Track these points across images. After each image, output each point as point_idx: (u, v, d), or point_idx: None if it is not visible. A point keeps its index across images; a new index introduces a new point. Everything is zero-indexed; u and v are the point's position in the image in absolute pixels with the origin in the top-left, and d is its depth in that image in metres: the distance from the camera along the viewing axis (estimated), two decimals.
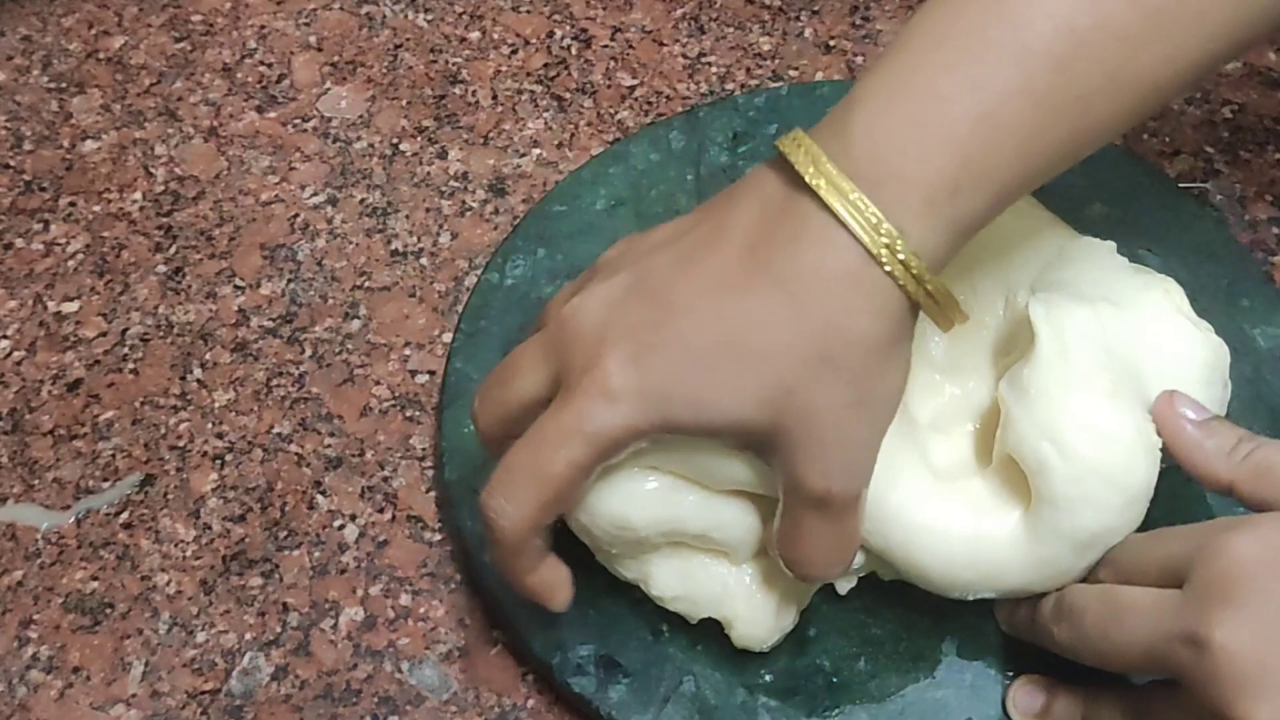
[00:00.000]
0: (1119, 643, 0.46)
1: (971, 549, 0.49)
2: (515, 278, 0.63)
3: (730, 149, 0.67)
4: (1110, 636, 0.46)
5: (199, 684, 0.56)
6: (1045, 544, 0.49)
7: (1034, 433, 0.48)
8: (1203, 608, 0.43)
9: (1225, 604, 0.43)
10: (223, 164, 0.70)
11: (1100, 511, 0.48)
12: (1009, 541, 0.49)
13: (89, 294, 0.66)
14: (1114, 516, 0.48)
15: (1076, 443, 0.48)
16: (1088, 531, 0.48)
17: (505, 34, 0.75)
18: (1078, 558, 0.49)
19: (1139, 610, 0.45)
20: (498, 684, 0.55)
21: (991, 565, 0.49)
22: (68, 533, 0.59)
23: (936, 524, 0.49)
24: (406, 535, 0.59)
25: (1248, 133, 0.70)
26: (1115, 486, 0.48)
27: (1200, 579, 0.44)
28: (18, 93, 0.73)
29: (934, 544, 0.49)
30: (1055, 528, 0.48)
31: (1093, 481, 0.48)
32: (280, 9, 0.76)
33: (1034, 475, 0.48)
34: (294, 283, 0.66)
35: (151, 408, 0.63)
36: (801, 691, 0.53)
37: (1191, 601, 0.44)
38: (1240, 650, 0.42)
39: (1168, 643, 0.44)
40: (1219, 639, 0.42)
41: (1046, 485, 0.48)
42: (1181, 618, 0.44)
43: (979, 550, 0.49)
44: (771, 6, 0.76)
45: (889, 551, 0.50)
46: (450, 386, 0.60)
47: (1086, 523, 0.48)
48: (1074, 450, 0.48)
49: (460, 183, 0.69)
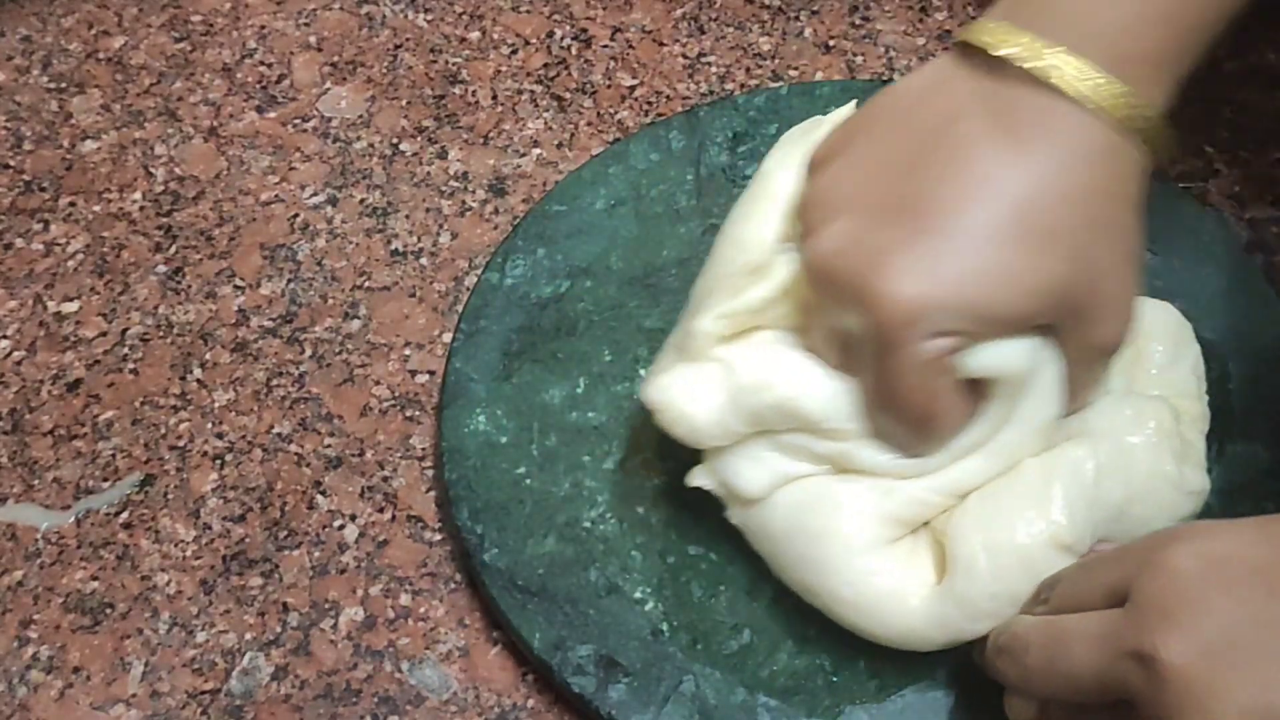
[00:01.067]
0: (1067, 672, 0.45)
1: (885, 604, 0.51)
2: (515, 278, 0.63)
3: (730, 149, 0.67)
4: (1058, 668, 0.46)
5: (199, 684, 0.56)
6: (947, 621, 0.51)
7: (972, 533, 0.50)
8: (1147, 625, 0.43)
9: (1169, 619, 0.42)
10: (223, 164, 0.70)
11: (994, 621, 0.50)
12: (920, 609, 0.51)
13: (89, 294, 0.66)
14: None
15: (1007, 568, 0.50)
16: (985, 628, 0.50)
17: (505, 34, 0.75)
18: (974, 628, 0.51)
19: (1084, 637, 0.45)
20: (498, 684, 0.55)
21: (899, 622, 0.51)
22: (68, 533, 0.59)
23: (869, 569, 0.51)
24: (406, 535, 0.59)
25: (1248, 133, 0.70)
26: (1017, 607, 0.50)
27: (1142, 596, 0.44)
28: (18, 93, 0.73)
29: (856, 588, 0.51)
30: (958, 620, 0.50)
31: (1004, 604, 0.50)
32: (280, 9, 0.76)
33: (954, 566, 0.50)
34: (294, 283, 0.66)
35: (151, 408, 0.63)
36: (801, 691, 0.53)
37: (1135, 619, 0.43)
38: (1186, 667, 0.42)
39: (1116, 663, 0.43)
40: (1164, 656, 0.42)
41: (965, 584, 0.50)
42: (1128, 636, 0.43)
43: (891, 605, 0.51)
44: (771, 6, 0.76)
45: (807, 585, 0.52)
46: (450, 386, 0.60)
47: (983, 628, 0.50)
48: (1003, 572, 0.50)
49: (460, 183, 0.69)
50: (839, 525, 0.51)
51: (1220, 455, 0.57)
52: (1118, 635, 0.44)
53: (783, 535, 0.52)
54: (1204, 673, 0.41)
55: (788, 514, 0.52)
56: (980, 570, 0.49)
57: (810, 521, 0.51)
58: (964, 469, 0.51)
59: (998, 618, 0.50)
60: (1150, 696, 0.42)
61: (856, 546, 0.51)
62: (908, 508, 0.51)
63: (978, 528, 0.50)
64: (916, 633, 0.51)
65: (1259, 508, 0.57)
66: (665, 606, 0.55)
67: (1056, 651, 0.46)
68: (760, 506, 0.53)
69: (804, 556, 0.52)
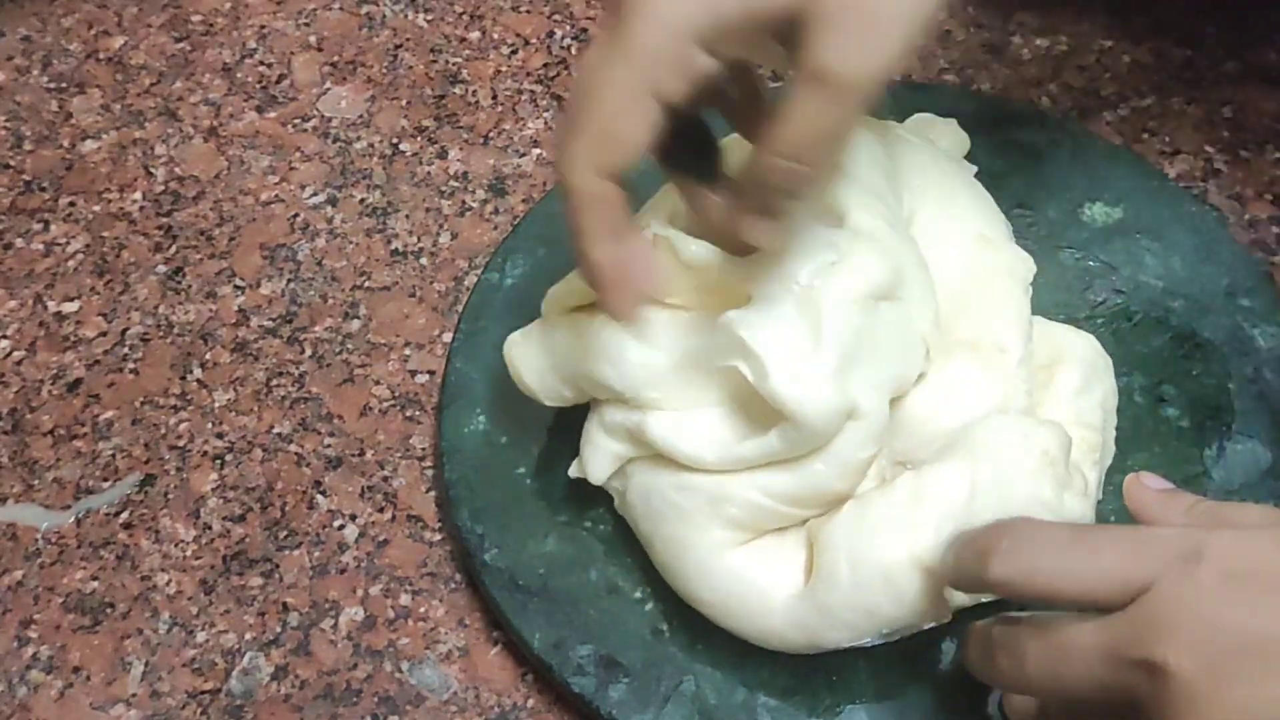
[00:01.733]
0: (1070, 682, 0.45)
1: (748, 603, 0.52)
2: (515, 278, 0.63)
3: None
4: (1060, 677, 0.45)
5: (199, 684, 0.56)
6: (806, 625, 0.51)
7: (839, 542, 0.50)
8: (1158, 635, 0.42)
9: (1181, 630, 0.42)
10: (223, 164, 0.70)
11: (853, 633, 0.51)
12: (781, 610, 0.51)
13: (89, 294, 0.66)
14: (863, 635, 0.51)
15: (867, 582, 0.50)
16: (844, 637, 0.51)
17: (505, 34, 0.75)
18: (831, 636, 0.51)
19: (1085, 646, 0.44)
20: (498, 684, 0.55)
21: (761, 621, 0.52)
22: (68, 533, 0.59)
23: (736, 571, 0.52)
24: (406, 535, 0.59)
25: (1248, 133, 0.70)
26: (876, 621, 0.50)
27: (1155, 603, 0.43)
28: (18, 93, 0.73)
29: (716, 590, 0.52)
30: (817, 626, 0.51)
31: (862, 617, 0.50)
32: (280, 9, 0.76)
33: (818, 573, 0.50)
34: (294, 283, 0.66)
35: (151, 408, 0.63)
36: (801, 691, 0.53)
37: (1145, 626, 0.43)
38: (1196, 678, 0.41)
39: (1121, 670, 0.43)
40: (1174, 666, 0.41)
41: (825, 592, 0.50)
42: (1135, 644, 0.43)
43: (754, 604, 0.52)
44: None
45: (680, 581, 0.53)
46: (450, 386, 0.60)
47: (841, 638, 0.51)
48: (863, 585, 0.50)
49: (460, 183, 0.69)
50: (687, 534, 0.52)
51: (1220, 455, 0.57)
52: (1122, 643, 0.43)
53: (648, 539, 0.54)
54: (1211, 682, 0.41)
55: (645, 516, 0.53)
56: (842, 580, 0.50)
57: (663, 528, 0.53)
58: (768, 477, 0.51)
59: (855, 629, 0.50)
60: (1155, 704, 0.42)
61: (712, 550, 0.52)
62: (745, 511, 0.51)
63: (845, 537, 0.50)
64: (776, 633, 0.51)
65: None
66: (665, 606, 0.55)
67: (1056, 659, 0.45)
68: (625, 506, 0.54)
69: (667, 562, 0.53)
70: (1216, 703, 0.41)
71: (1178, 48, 0.73)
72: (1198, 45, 0.73)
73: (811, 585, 0.51)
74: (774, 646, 0.52)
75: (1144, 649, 0.42)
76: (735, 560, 0.52)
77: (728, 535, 0.52)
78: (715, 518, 0.51)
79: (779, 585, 0.51)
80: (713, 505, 0.51)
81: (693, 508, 0.52)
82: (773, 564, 0.52)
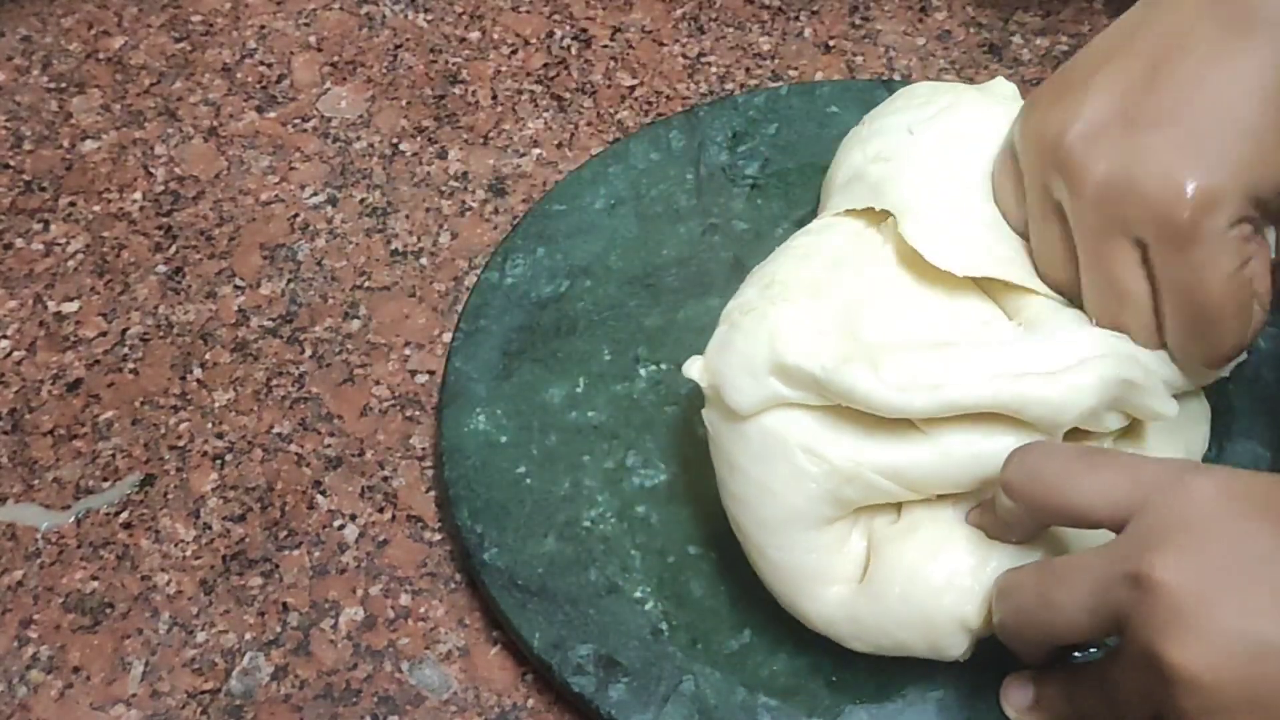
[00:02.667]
0: (1062, 604, 0.45)
1: (803, 581, 0.52)
2: (515, 277, 0.63)
3: (730, 148, 0.67)
4: (1052, 600, 0.46)
5: (199, 684, 0.56)
6: (835, 625, 0.52)
7: (898, 566, 0.50)
8: (1146, 547, 0.43)
9: (1169, 543, 0.42)
10: (223, 164, 0.70)
11: (872, 648, 0.51)
12: (830, 599, 0.51)
13: (89, 294, 0.66)
14: (879, 651, 0.51)
15: (909, 621, 0.50)
16: (863, 648, 0.52)
17: (505, 34, 0.75)
18: (852, 644, 0.52)
19: (1079, 567, 0.45)
20: (498, 684, 0.55)
21: (809, 604, 0.52)
22: (68, 533, 0.59)
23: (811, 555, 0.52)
24: (406, 535, 0.59)
25: None
26: (898, 649, 0.51)
27: (1150, 519, 0.43)
28: (18, 93, 0.73)
29: (783, 555, 0.52)
30: (846, 629, 0.51)
31: (882, 639, 0.51)
32: (280, 9, 0.76)
33: (869, 589, 0.51)
34: (294, 283, 0.66)
35: (151, 408, 0.63)
36: (801, 691, 0.53)
37: (1137, 541, 0.43)
38: (1180, 587, 0.41)
39: (1110, 588, 0.43)
40: (1159, 576, 0.42)
41: (867, 605, 0.50)
42: (1123, 560, 0.43)
43: (808, 585, 0.52)
44: (771, 6, 0.76)
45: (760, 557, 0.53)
46: (450, 386, 0.60)
47: (860, 648, 0.52)
48: (904, 622, 0.50)
49: (460, 183, 0.69)
50: (790, 495, 0.51)
51: (1220, 455, 0.57)
52: (1114, 561, 0.44)
53: (741, 473, 0.52)
54: (1194, 592, 0.41)
55: (750, 452, 0.52)
56: (888, 605, 0.50)
57: (763, 473, 0.51)
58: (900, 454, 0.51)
59: (876, 647, 0.51)
60: (1139, 618, 0.42)
61: (800, 517, 0.51)
62: (863, 493, 0.51)
63: (906, 567, 0.50)
64: (810, 614, 0.52)
65: None
66: (665, 606, 0.55)
67: (1051, 587, 0.46)
68: (735, 430, 0.52)
69: (750, 505, 0.52)
70: (1203, 616, 0.41)
71: None
72: None
73: (858, 593, 0.51)
74: (800, 620, 0.52)
75: (1132, 562, 0.43)
76: (818, 536, 0.51)
77: (827, 511, 0.51)
78: (830, 493, 0.51)
79: (838, 572, 0.51)
80: (833, 480, 0.50)
81: (813, 475, 0.50)
82: (842, 548, 0.51)
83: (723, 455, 0.53)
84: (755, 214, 0.65)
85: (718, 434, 0.53)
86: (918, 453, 0.50)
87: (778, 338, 0.51)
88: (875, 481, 0.50)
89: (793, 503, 0.51)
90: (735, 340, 0.52)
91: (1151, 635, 0.42)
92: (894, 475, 0.50)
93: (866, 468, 0.50)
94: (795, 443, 0.51)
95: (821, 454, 0.50)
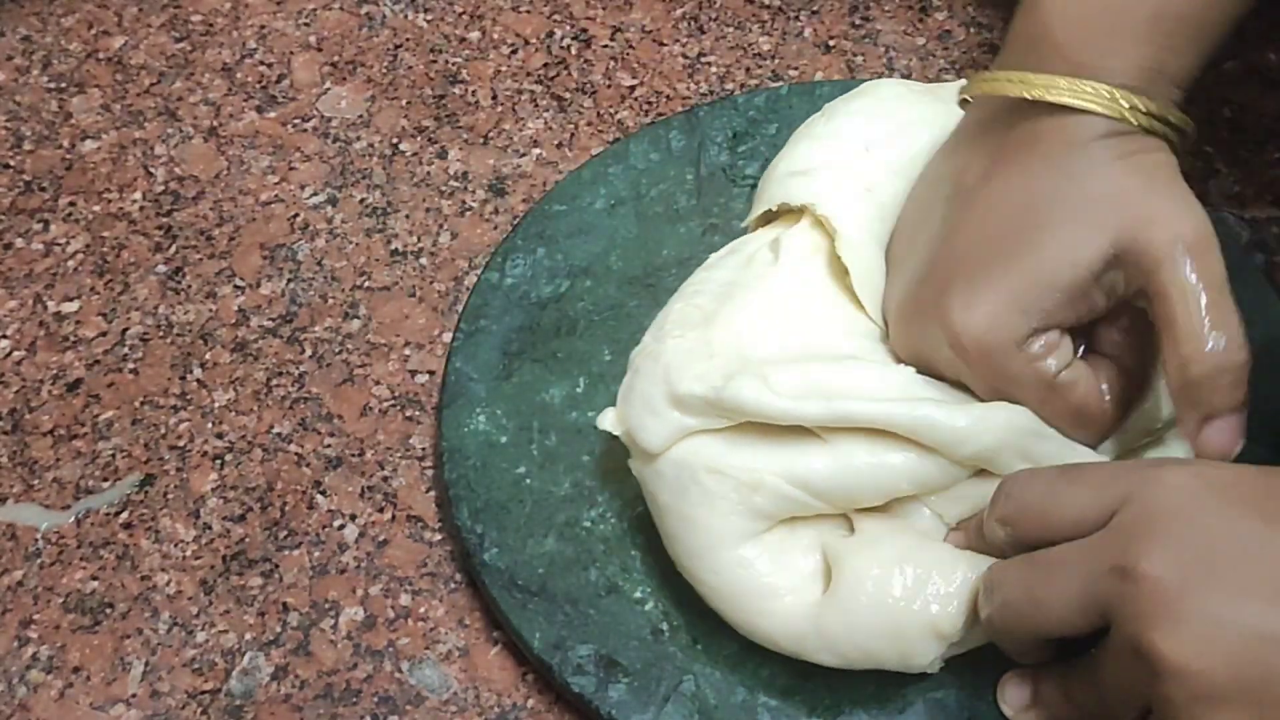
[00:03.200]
0: (1049, 599, 0.46)
1: (751, 599, 0.52)
2: (515, 277, 0.63)
3: (730, 148, 0.67)
4: (1039, 596, 0.46)
5: (199, 684, 0.56)
6: (802, 640, 0.51)
7: (863, 577, 0.50)
8: (1130, 539, 0.43)
9: (1153, 534, 0.43)
10: (223, 164, 0.70)
11: (842, 662, 0.51)
12: (783, 613, 0.52)
13: (89, 294, 0.66)
14: (850, 665, 0.51)
15: (881, 630, 0.50)
16: (832, 662, 0.51)
17: (505, 34, 0.75)
18: (818, 657, 0.52)
19: (1064, 562, 0.46)
20: (498, 684, 0.55)
21: (763, 621, 0.52)
22: (68, 533, 0.59)
23: (747, 562, 0.52)
24: (406, 535, 0.59)
25: (1248, 133, 0.70)
26: (869, 661, 0.51)
27: (1132, 510, 0.44)
28: (18, 93, 0.73)
29: (722, 578, 0.52)
30: (813, 644, 0.51)
31: (854, 655, 0.51)
32: (280, 9, 0.76)
33: (833, 601, 0.50)
34: (294, 283, 0.66)
35: (151, 408, 0.63)
36: (801, 691, 0.53)
37: (1120, 535, 0.44)
38: (1164, 578, 0.42)
39: (1096, 581, 0.44)
40: (1144, 568, 0.42)
41: (834, 618, 0.50)
42: (1109, 552, 0.44)
43: (757, 601, 0.52)
44: (771, 6, 0.76)
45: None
46: (450, 386, 0.60)
47: (829, 661, 0.51)
48: (875, 631, 0.50)
49: (460, 183, 0.69)
50: (706, 516, 0.52)
51: None
52: (1098, 554, 0.44)
53: (663, 509, 0.53)
54: (1179, 582, 0.42)
55: (667, 487, 0.53)
56: (856, 615, 0.50)
57: (679, 503, 0.52)
58: (805, 462, 0.52)
59: (846, 660, 0.51)
60: (1125, 609, 0.43)
61: (726, 536, 0.52)
62: (773, 502, 0.51)
63: (874, 581, 0.50)
64: (767, 632, 0.52)
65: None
66: (665, 606, 0.55)
67: (1037, 583, 0.46)
68: (651, 470, 0.53)
69: (678, 537, 0.53)
70: (1188, 605, 0.42)
71: None
72: None
73: (823, 604, 0.51)
74: (761, 642, 0.52)
75: (1117, 555, 0.43)
76: (747, 551, 0.52)
77: (746, 525, 0.51)
78: (739, 505, 0.51)
79: (783, 585, 0.51)
80: (740, 492, 0.51)
81: (720, 492, 0.51)
82: (780, 561, 0.52)
83: (650, 497, 0.54)
84: None
85: (642, 478, 0.54)
86: (819, 460, 0.51)
87: (670, 371, 0.53)
88: (781, 488, 0.51)
89: (710, 524, 0.52)
90: (636, 384, 0.54)
91: (1139, 627, 0.42)
92: (800, 483, 0.51)
93: (768, 474, 0.51)
94: (700, 465, 0.52)
95: (723, 470, 0.51)
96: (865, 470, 0.51)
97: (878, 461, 0.51)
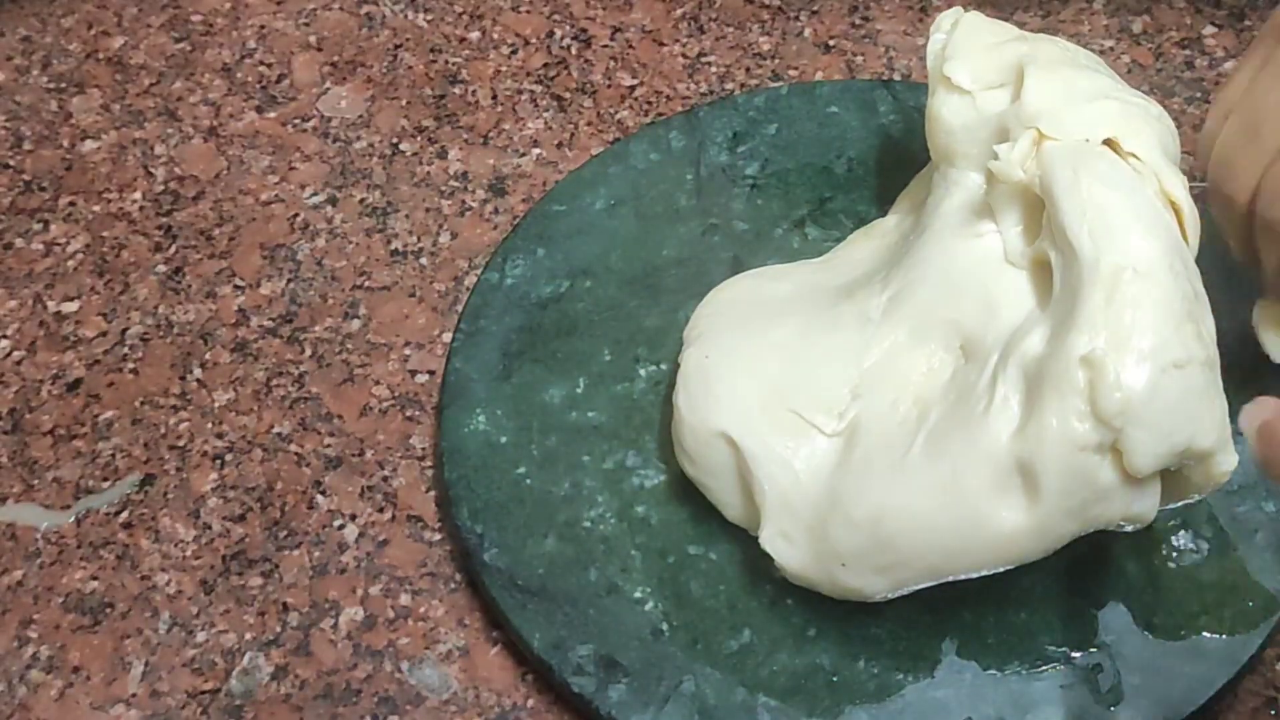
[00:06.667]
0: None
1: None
2: (515, 277, 0.63)
3: (730, 148, 0.67)
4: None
5: (199, 684, 0.56)
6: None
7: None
8: None
9: None
10: (223, 164, 0.70)
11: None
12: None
13: (89, 294, 0.66)
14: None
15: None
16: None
17: (505, 34, 0.75)
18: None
19: None
20: (498, 684, 0.55)
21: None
22: (68, 533, 0.59)
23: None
24: (406, 535, 0.59)
25: None
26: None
27: None
28: (18, 93, 0.73)
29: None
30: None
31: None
32: (280, 9, 0.76)
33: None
34: (294, 283, 0.66)
35: (151, 408, 0.63)
36: (801, 691, 0.53)
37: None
38: None
39: None
40: None
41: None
42: None
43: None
44: (771, 6, 0.76)
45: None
46: (450, 386, 0.60)
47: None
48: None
49: (460, 183, 0.69)
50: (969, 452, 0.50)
51: None
52: None
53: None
54: None
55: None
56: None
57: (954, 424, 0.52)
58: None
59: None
60: None
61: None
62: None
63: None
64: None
65: (1259, 508, 0.57)
66: (665, 606, 0.55)
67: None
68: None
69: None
70: None
71: (1178, 48, 0.73)
72: (1198, 45, 0.73)
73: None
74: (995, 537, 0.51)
75: None
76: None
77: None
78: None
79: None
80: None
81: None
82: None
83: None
84: (755, 214, 0.65)
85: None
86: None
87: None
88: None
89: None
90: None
91: None
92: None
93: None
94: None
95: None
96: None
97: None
